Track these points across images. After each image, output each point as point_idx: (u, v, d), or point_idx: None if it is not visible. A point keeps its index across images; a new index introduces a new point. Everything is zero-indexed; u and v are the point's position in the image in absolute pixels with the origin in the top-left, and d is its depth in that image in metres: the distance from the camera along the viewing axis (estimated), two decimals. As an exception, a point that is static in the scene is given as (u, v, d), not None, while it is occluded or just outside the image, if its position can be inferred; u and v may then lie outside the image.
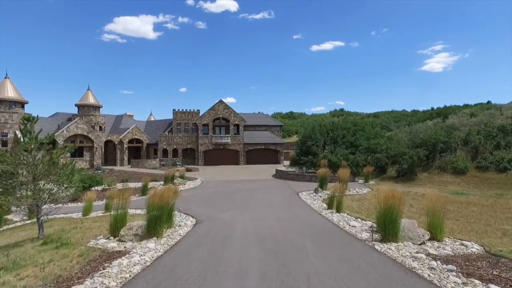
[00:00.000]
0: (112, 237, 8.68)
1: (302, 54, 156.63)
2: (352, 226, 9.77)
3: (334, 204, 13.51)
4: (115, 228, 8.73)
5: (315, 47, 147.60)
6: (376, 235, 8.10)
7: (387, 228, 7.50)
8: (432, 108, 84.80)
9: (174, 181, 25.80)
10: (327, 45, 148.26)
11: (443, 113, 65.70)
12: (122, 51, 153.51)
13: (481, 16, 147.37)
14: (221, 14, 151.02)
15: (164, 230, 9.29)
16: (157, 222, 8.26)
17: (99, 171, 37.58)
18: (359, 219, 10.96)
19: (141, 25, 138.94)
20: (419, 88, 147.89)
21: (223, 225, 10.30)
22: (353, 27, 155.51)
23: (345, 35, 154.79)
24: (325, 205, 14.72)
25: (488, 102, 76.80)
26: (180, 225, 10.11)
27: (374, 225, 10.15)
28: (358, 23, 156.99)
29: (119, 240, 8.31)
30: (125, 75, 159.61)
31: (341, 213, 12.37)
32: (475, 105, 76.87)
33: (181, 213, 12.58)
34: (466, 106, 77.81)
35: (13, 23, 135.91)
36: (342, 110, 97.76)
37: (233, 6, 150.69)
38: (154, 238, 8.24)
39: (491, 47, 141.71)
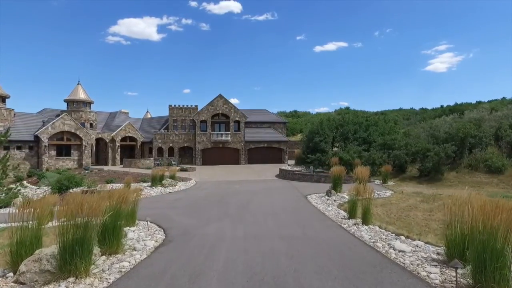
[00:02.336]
0: (11, 273, 5.29)
1: (305, 55, 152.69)
2: (399, 252, 6.25)
3: (358, 211, 10.06)
4: (18, 257, 5.34)
5: (318, 48, 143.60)
6: (458, 275, 4.59)
7: (489, 270, 3.99)
8: (442, 106, 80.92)
9: (163, 182, 22.45)
10: (331, 46, 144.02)
11: (456, 110, 61.80)
12: (126, 53, 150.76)
13: (486, 16, 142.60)
14: (224, 15, 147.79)
15: (105, 258, 5.88)
16: (76, 251, 4.80)
17: (87, 171, 34.43)
18: (402, 237, 7.46)
19: (145, 27, 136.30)
20: (423, 88, 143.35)
21: (200, 248, 6.82)
22: (357, 28, 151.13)
23: (349, 36, 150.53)
24: (343, 213, 11.32)
25: (503, 98, 72.75)
26: (135, 248, 6.66)
27: (431, 248, 6.65)
28: (361, 24, 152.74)
29: (16, 282, 4.91)
30: (129, 76, 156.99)
31: (371, 226, 8.93)
32: (489, 101, 72.85)
33: (151, 225, 9.18)
34: (479, 103, 73.88)
35: (16, 25, 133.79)
36: (347, 108, 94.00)
37: (237, 8, 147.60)
38: (72, 278, 4.81)
39: (496, 47, 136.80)
